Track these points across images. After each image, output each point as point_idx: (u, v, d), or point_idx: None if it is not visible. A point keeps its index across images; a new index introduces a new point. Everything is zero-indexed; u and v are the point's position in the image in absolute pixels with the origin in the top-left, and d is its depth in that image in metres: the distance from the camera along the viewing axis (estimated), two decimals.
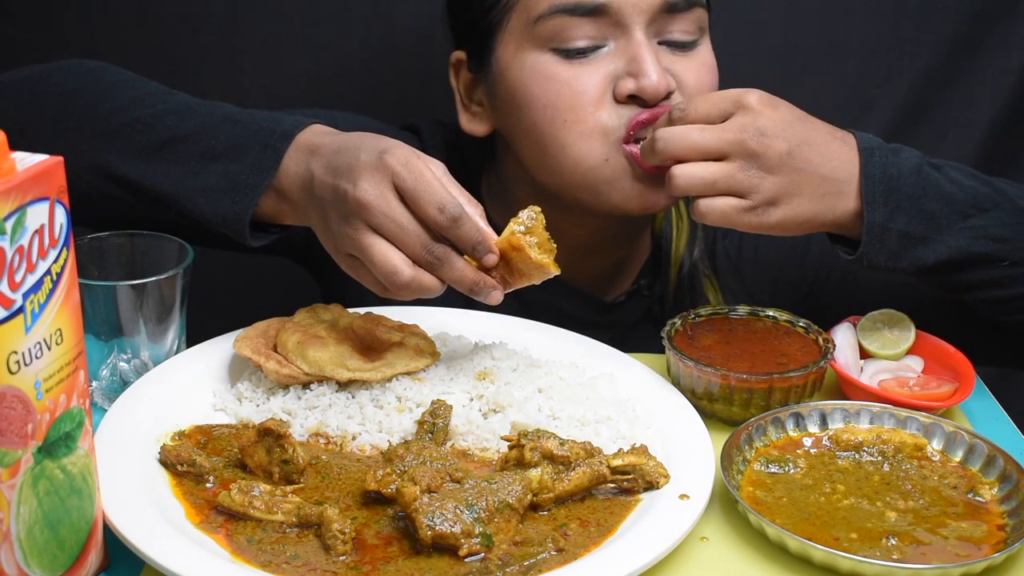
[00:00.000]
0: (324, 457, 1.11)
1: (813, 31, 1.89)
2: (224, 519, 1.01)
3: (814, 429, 1.18)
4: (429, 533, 0.96)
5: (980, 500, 1.09)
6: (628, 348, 1.34)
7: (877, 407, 1.18)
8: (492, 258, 1.14)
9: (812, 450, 1.16)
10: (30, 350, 0.85)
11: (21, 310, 0.84)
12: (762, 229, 1.23)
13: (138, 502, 1.00)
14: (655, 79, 1.33)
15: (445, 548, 0.97)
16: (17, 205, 0.83)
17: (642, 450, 1.08)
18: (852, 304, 1.40)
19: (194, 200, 1.25)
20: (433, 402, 1.15)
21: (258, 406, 1.18)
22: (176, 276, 1.22)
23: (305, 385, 1.19)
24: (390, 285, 1.13)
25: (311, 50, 1.89)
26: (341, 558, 0.96)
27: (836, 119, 1.76)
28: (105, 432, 1.08)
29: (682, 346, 1.26)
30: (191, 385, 1.20)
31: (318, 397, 1.17)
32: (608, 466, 1.06)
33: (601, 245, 1.53)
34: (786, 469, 1.12)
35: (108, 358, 1.23)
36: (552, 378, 1.22)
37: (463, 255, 1.15)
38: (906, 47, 1.90)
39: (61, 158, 0.87)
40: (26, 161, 0.85)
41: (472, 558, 0.96)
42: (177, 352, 1.26)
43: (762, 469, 1.12)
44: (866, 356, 1.33)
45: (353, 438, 1.14)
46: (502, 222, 1.19)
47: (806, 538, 1.00)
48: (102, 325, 1.21)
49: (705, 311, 1.33)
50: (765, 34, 1.89)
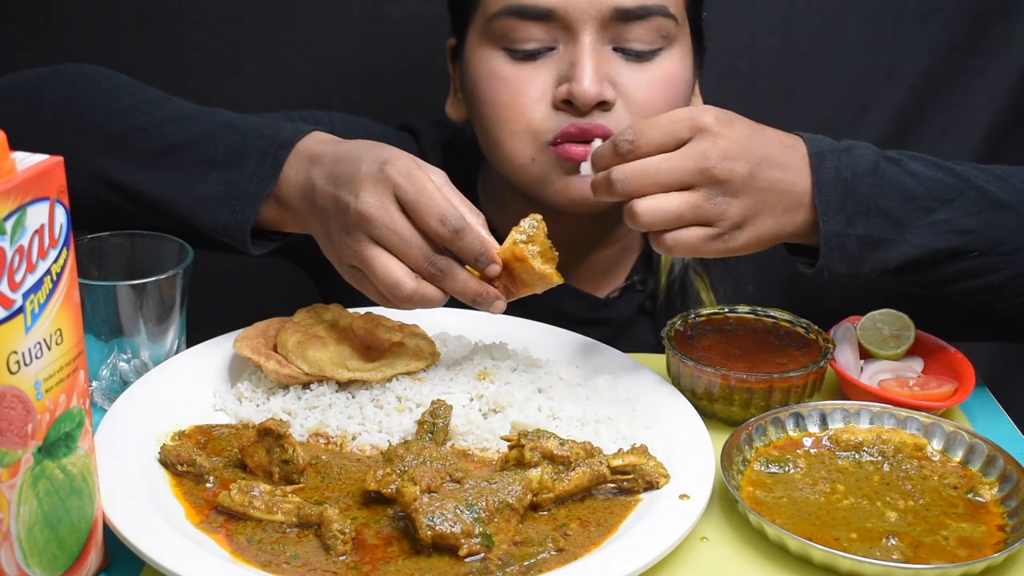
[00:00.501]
0: (324, 457, 1.11)
1: (813, 31, 1.89)
2: (224, 519, 1.01)
3: (814, 429, 1.18)
4: (429, 533, 0.96)
5: (980, 500, 1.09)
6: (623, 344, 1.34)
7: (877, 407, 1.18)
8: (495, 268, 1.14)
9: (812, 450, 1.16)
10: (30, 350, 0.85)
11: (21, 310, 0.84)
12: (728, 253, 1.17)
13: (138, 502, 1.00)
14: (585, 86, 1.32)
15: (445, 548, 0.97)
16: (17, 205, 0.83)
17: (642, 450, 1.08)
18: (836, 289, 1.39)
19: (194, 209, 1.24)
20: (433, 402, 1.15)
21: (258, 406, 1.18)
22: (176, 276, 1.22)
23: (305, 385, 1.19)
24: (393, 298, 1.13)
25: (311, 50, 1.89)
26: (341, 558, 0.96)
27: (836, 119, 1.77)
28: (105, 432, 1.08)
29: (682, 346, 1.26)
30: (191, 385, 1.20)
31: (318, 397, 1.17)
32: (608, 466, 1.06)
33: (589, 242, 1.53)
34: (786, 469, 1.12)
35: (108, 358, 1.23)
36: (552, 378, 1.22)
37: (465, 266, 1.15)
38: (906, 47, 1.89)
39: (61, 158, 0.87)
40: (26, 161, 0.85)
41: (472, 558, 0.96)
42: (177, 352, 1.26)
43: (762, 469, 1.12)
44: (866, 356, 1.33)
45: (353, 438, 1.14)
46: (497, 221, 1.19)
47: (806, 538, 1.00)
48: (102, 325, 1.21)
49: (705, 311, 1.33)
50: (765, 34, 1.89)
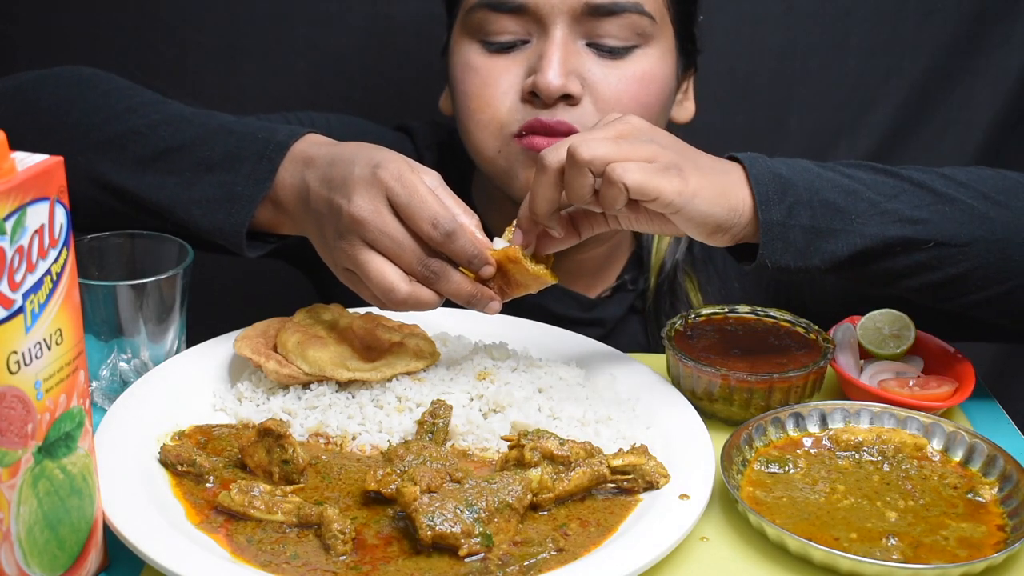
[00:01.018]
0: (324, 457, 1.11)
1: (813, 31, 1.89)
2: (224, 519, 1.01)
3: (814, 429, 1.18)
4: (429, 533, 0.96)
5: (980, 500, 1.09)
6: (614, 344, 1.35)
7: (877, 407, 1.18)
8: (489, 270, 1.15)
9: (812, 450, 1.16)
10: (30, 350, 0.85)
11: (21, 310, 0.84)
12: (683, 192, 1.10)
13: (138, 502, 1.00)
14: (549, 77, 1.33)
15: (445, 548, 0.97)
16: (17, 205, 0.83)
17: (642, 450, 1.08)
18: (819, 289, 1.38)
19: (190, 211, 1.25)
20: (433, 402, 1.15)
21: (258, 406, 1.18)
22: (176, 276, 1.22)
23: (305, 385, 1.19)
24: (387, 302, 1.14)
25: (310, 50, 1.89)
26: (341, 558, 0.96)
27: (836, 119, 1.77)
28: (105, 432, 1.08)
29: (682, 346, 1.26)
30: (191, 385, 1.20)
31: (318, 397, 1.17)
32: (608, 466, 1.06)
33: (581, 243, 1.53)
34: (786, 469, 1.12)
35: (108, 358, 1.23)
36: (552, 378, 1.22)
37: (460, 268, 1.15)
38: (906, 47, 1.90)
39: (61, 158, 0.87)
40: (26, 161, 0.85)
41: (472, 558, 0.96)
42: (177, 352, 1.26)
43: (762, 469, 1.12)
44: (866, 356, 1.33)
45: (353, 438, 1.14)
46: (491, 221, 1.20)
47: (806, 538, 1.00)
48: (102, 325, 1.21)
49: (705, 311, 1.33)
50: (765, 34, 1.89)
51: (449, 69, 1.47)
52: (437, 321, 1.32)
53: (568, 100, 1.36)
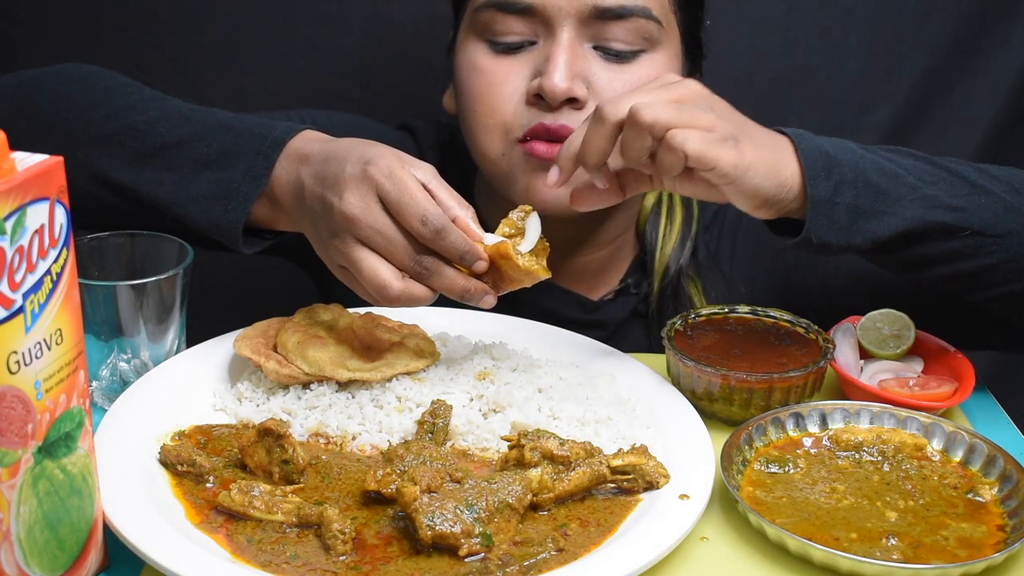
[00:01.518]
0: (324, 457, 1.11)
1: (813, 31, 1.89)
2: (224, 519, 1.01)
3: (814, 429, 1.18)
4: (429, 533, 0.96)
5: (980, 500, 1.09)
6: (617, 346, 1.34)
7: (877, 407, 1.18)
8: (482, 265, 1.14)
9: (812, 450, 1.16)
10: (30, 350, 0.85)
11: (21, 310, 0.84)
12: (739, 164, 1.12)
13: (138, 502, 1.00)
14: (555, 80, 1.33)
15: (445, 548, 0.97)
16: (17, 205, 0.83)
17: (642, 450, 1.08)
18: (830, 295, 1.39)
19: (187, 207, 1.25)
20: (433, 402, 1.15)
21: (258, 406, 1.18)
22: (176, 276, 1.22)
23: (305, 385, 1.19)
24: (380, 298, 1.13)
25: (310, 50, 1.89)
26: (341, 558, 0.96)
27: (836, 119, 1.76)
28: (105, 432, 1.08)
29: (682, 346, 1.26)
30: (191, 385, 1.20)
31: (318, 397, 1.17)
32: (608, 466, 1.06)
33: (581, 243, 1.53)
34: (786, 469, 1.12)
35: (108, 358, 1.23)
36: (552, 378, 1.22)
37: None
38: (906, 47, 1.90)
39: (61, 158, 0.87)
40: (26, 161, 0.85)
41: (472, 558, 0.96)
42: (177, 352, 1.26)
43: (762, 469, 1.12)
44: (866, 356, 1.33)
45: (353, 438, 1.14)
46: (494, 222, 1.20)
47: (806, 538, 1.00)
48: (102, 325, 1.21)
49: (705, 311, 1.33)
50: (765, 34, 1.89)
51: (455, 68, 1.47)
52: (437, 321, 1.32)
53: (573, 104, 1.36)
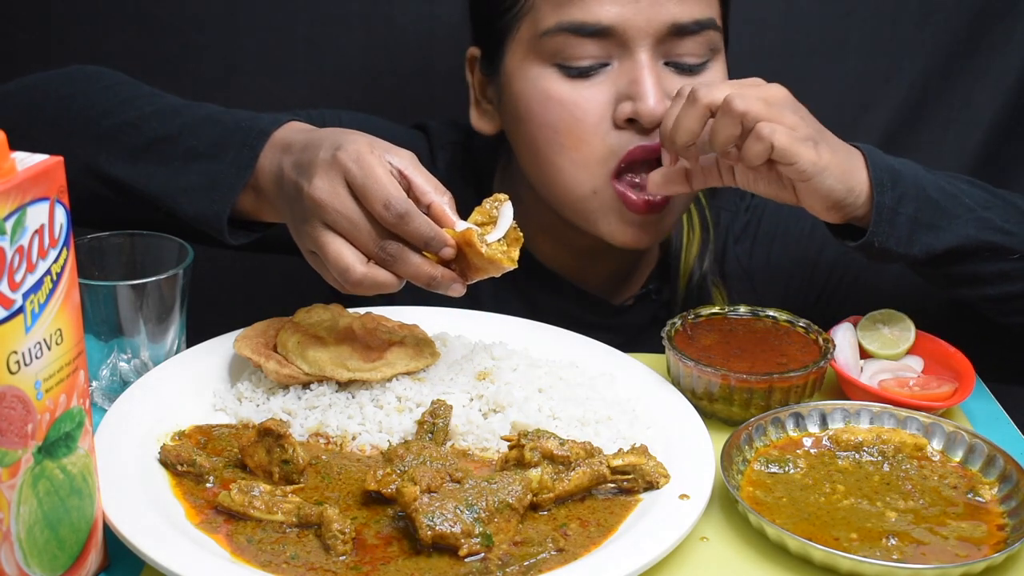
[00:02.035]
0: (324, 457, 1.11)
1: (813, 31, 1.89)
2: (224, 519, 1.01)
3: (814, 429, 1.18)
4: (429, 533, 0.96)
5: (980, 500, 1.09)
6: (635, 352, 1.33)
7: (877, 407, 1.18)
8: (448, 252, 1.13)
9: (812, 450, 1.16)
10: (30, 350, 0.85)
11: (21, 310, 0.84)
12: (815, 165, 1.18)
13: (138, 502, 1.00)
14: (652, 103, 1.32)
15: (445, 548, 0.97)
16: (17, 205, 0.83)
17: (642, 450, 1.08)
18: (860, 312, 1.39)
19: (176, 200, 1.26)
20: (433, 402, 1.15)
21: (258, 406, 1.18)
22: (176, 276, 1.22)
23: (305, 385, 1.19)
24: (344, 282, 1.13)
25: (311, 50, 1.89)
26: (341, 558, 0.96)
27: (836, 119, 1.76)
28: (105, 432, 1.08)
29: (682, 346, 1.26)
30: (191, 385, 1.20)
31: (318, 397, 1.17)
32: (608, 466, 1.06)
33: (605, 250, 1.52)
34: (786, 469, 1.12)
35: (108, 358, 1.23)
36: (552, 378, 1.22)
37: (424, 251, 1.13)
38: (906, 47, 1.90)
39: (61, 158, 0.87)
40: (26, 161, 0.85)
41: (472, 558, 0.96)
42: (177, 352, 1.26)
43: (762, 469, 1.12)
44: (866, 356, 1.33)
45: (353, 438, 1.14)
46: (521, 215, 1.19)
47: (806, 538, 1.00)
48: (102, 325, 1.21)
49: (705, 311, 1.33)
50: (765, 34, 1.89)
51: (507, 94, 1.42)
52: (437, 321, 1.32)
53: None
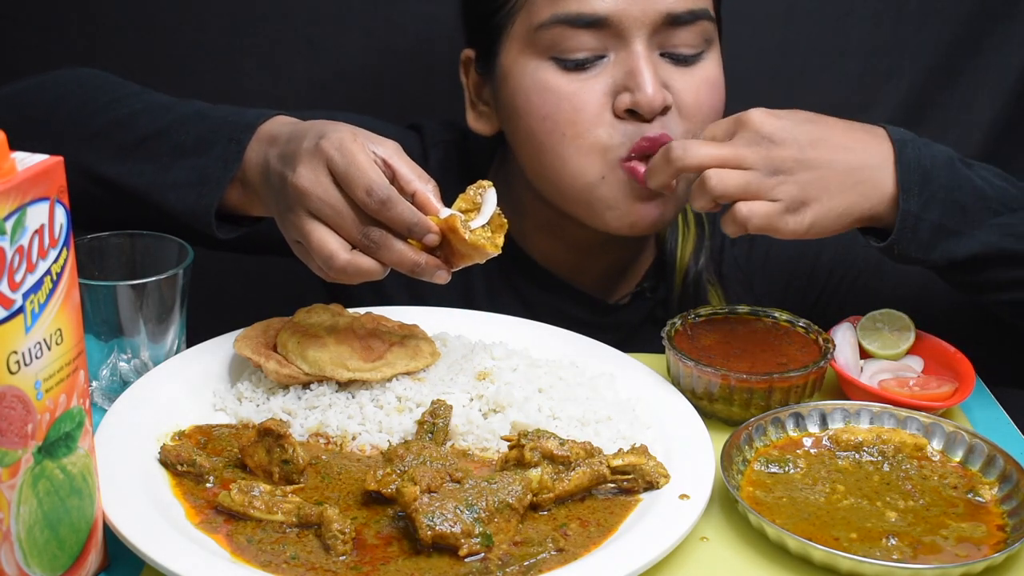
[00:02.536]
0: (324, 457, 1.11)
1: (813, 31, 1.89)
2: (224, 519, 1.01)
3: (814, 429, 1.18)
4: (429, 533, 0.96)
5: (980, 500, 1.09)
6: (631, 350, 1.34)
7: (877, 407, 1.18)
8: (432, 238, 1.12)
9: (812, 450, 1.16)
10: (30, 350, 0.85)
11: (21, 310, 0.84)
12: (799, 232, 1.20)
13: (138, 502, 1.00)
14: (650, 93, 1.32)
15: (445, 548, 0.97)
16: (17, 205, 0.83)
17: (642, 450, 1.08)
18: (860, 312, 1.39)
19: (166, 196, 1.26)
20: (433, 402, 1.15)
21: (258, 406, 1.18)
22: (176, 276, 1.22)
23: (305, 385, 1.19)
24: (328, 269, 1.13)
25: (311, 50, 1.89)
26: (341, 558, 0.96)
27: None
28: (105, 432, 1.08)
29: (682, 346, 1.26)
30: (191, 385, 1.20)
31: (318, 397, 1.17)
32: (608, 466, 1.06)
33: (601, 247, 1.52)
34: (786, 469, 1.12)
35: (108, 358, 1.23)
36: (552, 378, 1.22)
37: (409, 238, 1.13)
38: (906, 47, 1.89)
39: (61, 158, 0.87)
40: (26, 161, 0.85)
41: (472, 558, 0.96)
42: (177, 352, 1.26)
43: (762, 469, 1.12)
44: (866, 356, 1.33)
45: (353, 438, 1.14)
46: (515, 228, 1.19)
47: (806, 538, 1.00)
48: (102, 325, 1.21)
49: (705, 311, 1.33)
50: (765, 34, 1.89)
51: (503, 91, 1.42)
52: (437, 321, 1.32)
53: (664, 112, 1.35)
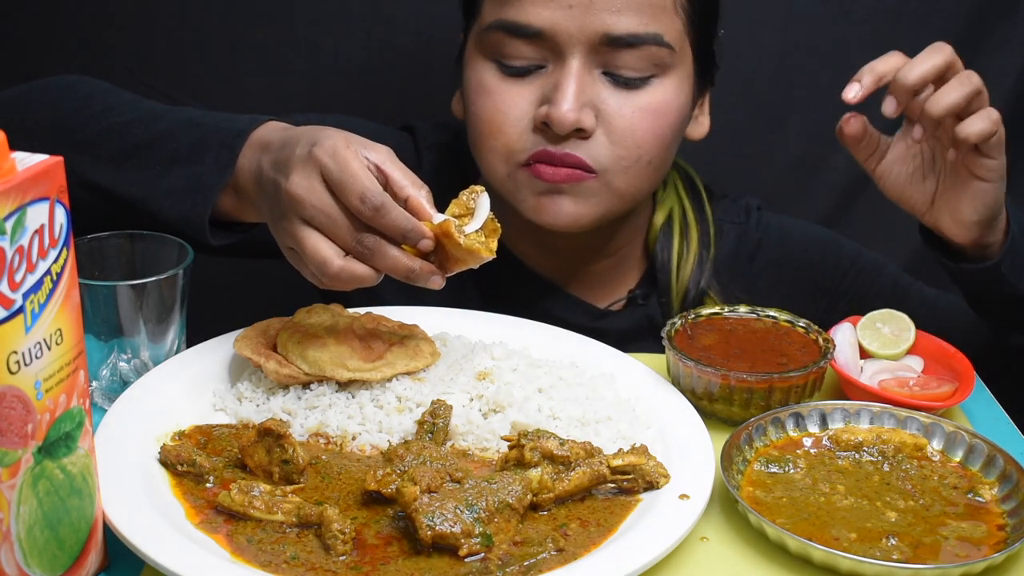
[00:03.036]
0: (324, 457, 1.11)
1: (813, 31, 1.89)
2: (224, 519, 1.01)
3: (814, 429, 1.18)
4: (429, 533, 0.96)
5: (980, 500, 1.09)
6: None
7: (877, 407, 1.18)
8: (427, 244, 1.13)
9: (812, 450, 1.16)
10: (30, 350, 0.85)
11: (21, 310, 0.84)
12: (1001, 172, 1.29)
13: (138, 502, 1.00)
14: (563, 110, 1.33)
15: (445, 548, 0.97)
16: (17, 205, 0.83)
17: (642, 450, 1.08)
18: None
19: (159, 203, 1.26)
20: (433, 402, 1.15)
21: (258, 406, 1.18)
22: (176, 276, 1.22)
23: (305, 385, 1.19)
24: (322, 276, 1.13)
25: (311, 51, 1.89)
26: (341, 558, 0.96)
27: (836, 119, 1.76)
28: (105, 432, 1.08)
29: (682, 346, 1.26)
30: (191, 385, 1.20)
31: (318, 397, 1.17)
32: (608, 466, 1.06)
33: (588, 251, 1.53)
34: (786, 469, 1.12)
35: (108, 358, 1.23)
36: (552, 378, 1.22)
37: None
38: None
39: (61, 158, 0.87)
40: (26, 161, 0.85)
41: (472, 558, 0.96)
42: (177, 352, 1.26)
43: (762, 469, 1.12)
44: (866, 356, 1.33)
45: (353, 438, 1.14)
46: (501, 220, 1.19)
47: (806, 538, 1.00)
48: (102, 325, 1.21)
49: (705, 311, 1.33)
50: (765, 34, 1.89)
51: (463, 80, 1.47)
52: (437, 321, 1.32)
53: (580, 133, 1.36)
